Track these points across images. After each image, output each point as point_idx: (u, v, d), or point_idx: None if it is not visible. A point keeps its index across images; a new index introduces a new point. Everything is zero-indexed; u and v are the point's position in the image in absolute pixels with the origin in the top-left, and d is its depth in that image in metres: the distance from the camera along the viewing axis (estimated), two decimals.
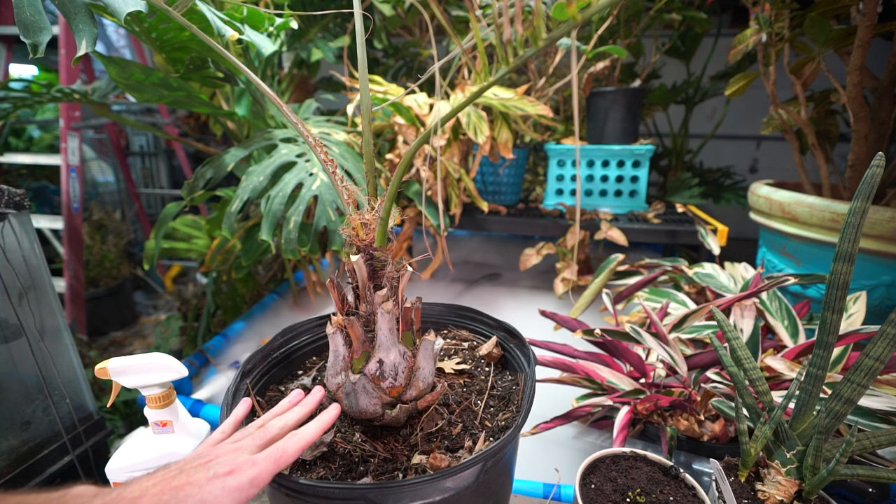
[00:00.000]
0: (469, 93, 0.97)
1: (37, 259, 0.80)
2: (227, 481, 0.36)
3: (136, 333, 2.41)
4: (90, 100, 1.25)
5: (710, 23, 1.64)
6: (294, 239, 0.95)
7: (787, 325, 0.81)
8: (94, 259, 2.33)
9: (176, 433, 0.58)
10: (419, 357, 0.53)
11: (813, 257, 1.06)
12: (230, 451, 0.39)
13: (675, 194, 1.73)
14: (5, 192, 0.73)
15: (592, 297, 1.06)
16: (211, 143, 2.87)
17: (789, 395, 0.53)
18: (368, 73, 0.79)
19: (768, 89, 1.17)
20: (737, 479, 0.56)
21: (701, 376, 0.75)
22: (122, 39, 2.97)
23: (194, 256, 1.68)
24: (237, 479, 0.36)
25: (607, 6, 0.34)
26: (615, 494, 0.52)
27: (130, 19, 0.79)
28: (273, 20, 0.95)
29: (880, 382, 0.67)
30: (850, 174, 1.11)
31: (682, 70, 2.06)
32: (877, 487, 0.64)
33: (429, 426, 0.53)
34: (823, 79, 1.14)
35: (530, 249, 1.36)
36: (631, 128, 1.51)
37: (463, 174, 1.28)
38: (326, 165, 0.51)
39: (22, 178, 2.53)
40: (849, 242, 0.47)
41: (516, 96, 1.19)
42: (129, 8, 0.62)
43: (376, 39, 1.82)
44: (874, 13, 0.93)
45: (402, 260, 0.54)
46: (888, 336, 0.46)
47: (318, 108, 1.59)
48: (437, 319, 0.75)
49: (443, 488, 0.43)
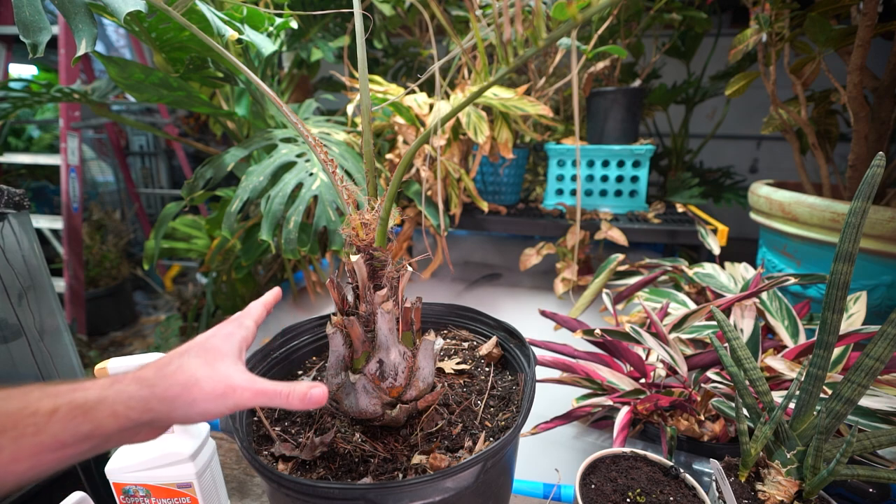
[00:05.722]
0: (469, 93, 0.97)
1: (36, 259, 0.80)
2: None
3: (135, 333, 2.41)
4: (90, 100, 1.25)
5: (710, 23, 1.64)
6: (294, 239, 0.95)
7: (787, 325, 0.81)
8: (94, 259, 2.33)
9: (176, 433, 0.58)
10: (419, 357, 0.53)
11: (813, 257, 1.06)
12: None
13: (676, 194, 1.73)
14: (5, 192, 0.73)
15: (592, 297, 1.06)
16: (211, 143, 2.87)
17: (789, 396, 0.53)
18: (368, 72, 0.79)
19: (768, 89, 1.17)
20: (737, 480, 0.56)
21: (701, 376, 0.75)
22: (122, 39, 2.97)
23: (194, 256, 1.68)
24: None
25: (607, 6, 0.34)
26: (615, 494, 0.52)
27: (130, 19, 0.79)
28: (273, 20, 0.95)
29: (880, 382, 0.67)
30: (851, 174, 1.11)
31: (682, 70, 2.06)
32: (877, 487, 0.64)
33: (429, 426, 0.53)
34: (823, 79, 1.14)
35: (530, 249, 1.36)
36: (631, 128, 1.51)
37: (463, 174, 1.28)
38: (326, 165, 0.51)
39: (22, 178, 2.52)
40: (849, 242, 0.47)
41: (516, 96, 1.19)
42: (129, 8, 0.62)
43: (376, 39, 1.82)
44: (874, 13, 0.93)
45: (402, 260, 0.53)
46: (888, 336, 0.46)
47: (318, 108, 1.59)
48: (437, 319, 0.75)
49: (443, 488, 0.43)
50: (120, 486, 0.58)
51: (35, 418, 0.31)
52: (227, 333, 0.42)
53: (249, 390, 0.37)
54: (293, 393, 0.38)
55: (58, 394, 0.32)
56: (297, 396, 0.38)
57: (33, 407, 0.31)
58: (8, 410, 0.31)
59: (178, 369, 0.37)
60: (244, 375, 0.38)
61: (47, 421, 0.31)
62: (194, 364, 0.37)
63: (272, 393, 0.38)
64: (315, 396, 0.38)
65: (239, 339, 0.42)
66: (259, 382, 0.38)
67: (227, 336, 0.42)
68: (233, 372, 0.38)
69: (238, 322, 0.44)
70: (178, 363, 0.38)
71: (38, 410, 0.31)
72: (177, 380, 0.36)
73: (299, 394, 0.38)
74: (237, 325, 0.43)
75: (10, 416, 0.31)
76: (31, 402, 0.31)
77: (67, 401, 0.32)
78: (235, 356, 0.40)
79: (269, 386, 0.38)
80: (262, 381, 0.38)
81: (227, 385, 0.37)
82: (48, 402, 0.32)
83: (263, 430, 0.55)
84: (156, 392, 0.35)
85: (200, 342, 0.40)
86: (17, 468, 0.31)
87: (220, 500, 0.63)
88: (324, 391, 0.39)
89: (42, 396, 0.32)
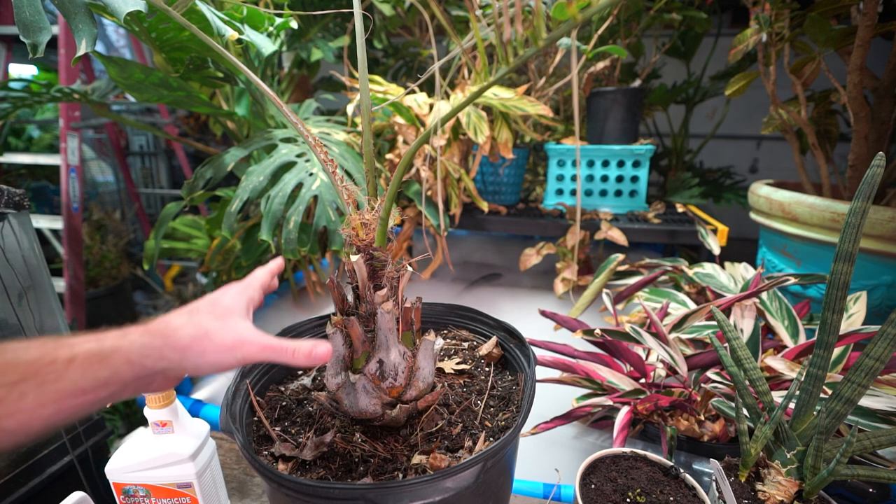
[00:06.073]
0: (469, 93, 0.97)
1: (36, 259, 0.80)
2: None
3: None
4: (90, 100, 1.24)
5: (710, 23, 1.64)
6: (294, 239, 0.95)
7: (787, 325, 0.81)
8: (94, 259, 2.32)
9: (176, 433, 0.58)
10: (419, 357, 0.53)
11: (813, 257, 1.06)
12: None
13: (676, 194, 1.73)
14: (5, 192, 0.73)
15: (592, 297, 1.06)
16: (211, 143, 2.87)
17: (789, 396, 0.53)
18: (368, 72, 0.79)
19: (768, 89, 1.17)
20: (737, 480, 0.56)
21: (701, 376, 0.75)
22: (122, 39, 2.97)
23: (194, 256, 1.68)
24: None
25: (607, 6, 0.34)
26: (615, 494, 0.52)
27: (130, 19, 0.79)
28: (273, 20, 0.95)
29: (880, 382, 0.67)
30: (851, 174, 1.11)
31: (682, 70, 2.06)
32: (877, 487, 0.64)
33: (429, 426, 0.53)
34: (823, 78, 1.13)
35: (530, 249, 1.36)
36: (631, 128, 1.51)
37: (463, 174, 1.28)
38: (326, 165, 0.51)
39: (21, 178, 2.52)
40: (849, 242, 0.47)
41: (516, 96, 1.19)
42: (129, 8, 0.62)
43: (376, 39, 1.82)
44: (874, 13, 0.93)
45: (402, 260, 0.53)
46: (888, 336, 0.46)
47: (318, 108, 1.59)
48: (437, 319, 0.75)
49: (443, 488, 0.43)
50: (120, 486, 0.58)
51: (54, 366, 0.32)
52: (235, 292, 0.44)
53: (257, 344, 0.39)
54: (299, 350, 0.40)
55: (73, 344, 0.34)
56: (302, 353, 0.40)
57: (51, 356, 0.33)
58: (28, 359, 0.32)
59: (189, 322, 0.39)
60: (253, 330, 0.40)
61: (66, 368, 0.33)
62: (205, 317, 0.40)
63: (279, 349, 0.40)
64: (319, 353, 0.41)
65: (246, 298, 0.44)
66: (266, 338, 0.40)
67: (236, 294, 0.44)
68: (241, 326, 0.40)
69: (245, 284, 0.46)
70: (188, 316, 0.40)
71: (57, 359, 0.33)
72: (187, 331, 0.38)
73: (305, 350, 0.41)
74: (245, 287, 0.45)
75: (31, 364, 0.32)
76: (48, 352, 0.33)
77: (84, 350, 0.34)
78: (244, 313, 0.42)
79: (276, 342, 0.40)
80: (270, 336, 0.41)
81: (236, 338, 0.39)
82: (65, 351, 0.33)
83: (263, 430, 0.55)
84: (168, 342, 0.37)
85: (210, 300, 0.42)
86: (43, 413, 0.32)
87: (220, 500, 0.63)
88: (328, 348, 0.42)
89: (58, 346, 0.33)
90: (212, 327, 0.39)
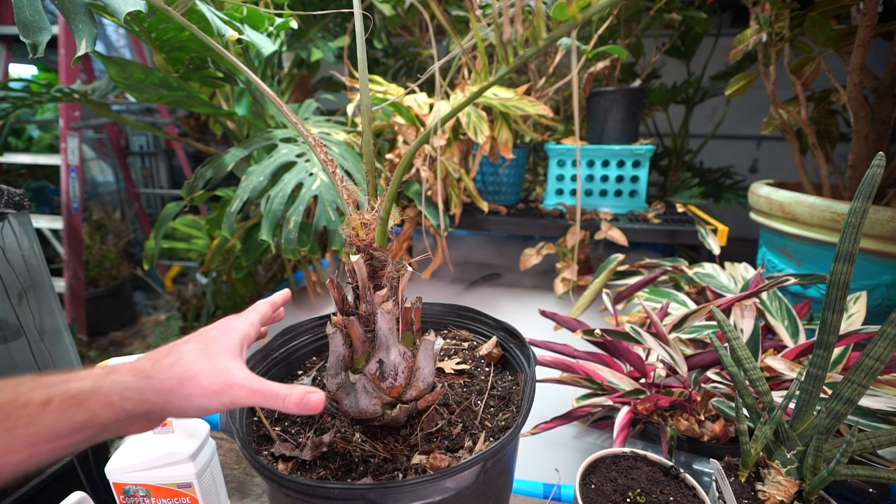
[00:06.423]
0: (469, 93, 0.97)
1: (36, 259, 0.80)
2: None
3: (135, 334, 2.41)
4: (90, 100, 1.25)
5: (710, 23, 1.64)
6: (294, 239, 0.95)
7: (787, 325, 0.81)
8: (94, 259, 2.32)
9: (175, 433, 0.58)
10: (419, 357, 0.53)
11: (813, 257, 1.06)
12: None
13: (676, 194, 1.73)
14: (5, 192, 0.73)
15: (592, 297, 1.06)
16: (211, 143, 2.87)
17: (789, 396, 0.53)
18: (368, 72, 0.79)
19: (768, 89, 1.17)
20: (737, 480, 0.56)
21: (701, 376, 0.75)
22: (122, 39, 2.97)
23: (194, 256, 1.68)
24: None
25: (607, 6, 0.34)
26: (615, 494, 0.52)
27: (130, 19, 0.79)
28: (273, 20, 0.95)
29: (880, 382, 0.67)
30: (851, 174, 1.11)
31: (682, 70, 2.06)
32: (877, 487, 0.64)
33: (429, 426, 0.53)
34: (823, 78, 1.13)
35: (530, 249, 1.36)
36: (631, 128, 1.51)
37: (463, 174, 1.28)
38: (326, 165, 0.51)
39: (21, 178, 2.52)
40: (849, 242, 0.47)
41: (516, 96, 1.19)
42: (129, 8, 0.62)
43: (376, 39, 1.82)
44: (874, 13, 0.93)
45: (402, 260, 0.53)
46: (888, 336, 0.46)
47: (318, 108, 1.59)
48: (437, 319, 0.75)
49: (443, 488, 0.43)
50: (120, 486, 0.58)
51: (28, 409, 0.30)
52: (229, 328, 0.41)
53: (246, 388, 0.37)
54: (290, 396, 0.37)
55: (50, 384, 0.32)
56: (293, 400, 0.37)
57: (25, 398, 0.31)
58: (0, 402, 0.30)
59: (176, 362, 0.37)
60: (243, 373, 0.38)
61: (41, 412, 0.31)
62: (193, 357, 0.37)
63: (269, 394, 0.37)
64: (312, 402, 0.37)
65: (241, 335, 0.41)
66: (257, 381, 0.37)
67: (229, 330, 0.41)
68: (231, 368, 0.38)
69: (242, 318, 0.43)
70: (176, 355, 0.37)
71: (31, 401, 0.31)
72: (173, 373, 0.36)
73: (296, 398, 0.37)
74: (241, 321, 0.43)
75: (2, 407, 0.30)
76: (22, 393, 0.31)
77: (61, 391, 0.32)
78: (236, 352, 0.40)
79: (267, 386, 0.37)
80: (261, 380, 0.38)
81: (224, 381, 0.36)
82: (41, 393, 0.31)
83: (263, 430, 0.55)
84: (152, 384, 0.35)
85: (202, 337, 0.40)
86: (12, 459, 0.30)
87: (220, 500, 0.63)
88: (321, 397, 0.38)
89: (34, 387, 0.31)
90: (199, 368, 0.36)
